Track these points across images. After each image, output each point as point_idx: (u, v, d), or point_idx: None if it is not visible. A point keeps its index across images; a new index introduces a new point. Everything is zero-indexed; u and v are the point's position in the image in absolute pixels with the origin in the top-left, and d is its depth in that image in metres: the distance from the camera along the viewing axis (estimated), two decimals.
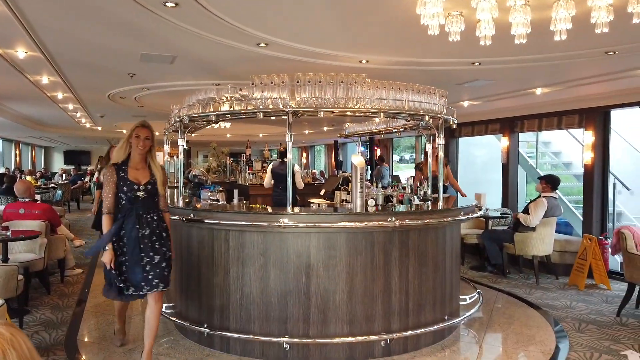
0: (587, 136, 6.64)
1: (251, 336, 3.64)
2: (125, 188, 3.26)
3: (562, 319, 4.66)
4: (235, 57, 5.09)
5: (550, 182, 6.19)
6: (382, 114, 4.14)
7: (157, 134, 3.55)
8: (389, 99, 4.10)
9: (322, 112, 3.95)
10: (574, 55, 4.34)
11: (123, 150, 3.35)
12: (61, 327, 4.33)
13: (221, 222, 3.79)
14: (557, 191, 6.36)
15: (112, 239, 3.21)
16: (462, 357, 3.86)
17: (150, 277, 3.24)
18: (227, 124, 11.96)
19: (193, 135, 6.77)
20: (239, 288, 3.74)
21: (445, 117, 4.51)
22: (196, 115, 4.28)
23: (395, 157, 17.97)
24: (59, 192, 12.44)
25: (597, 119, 6.48)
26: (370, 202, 4.30)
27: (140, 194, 3.28)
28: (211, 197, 4.80)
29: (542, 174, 6.85)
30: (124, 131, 13.41)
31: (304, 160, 18.41)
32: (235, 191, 4.77)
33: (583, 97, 6.36)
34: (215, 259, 3.84)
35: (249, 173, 8.23)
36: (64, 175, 17.40)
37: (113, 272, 3.20)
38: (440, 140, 4.73)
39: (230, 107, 4.06)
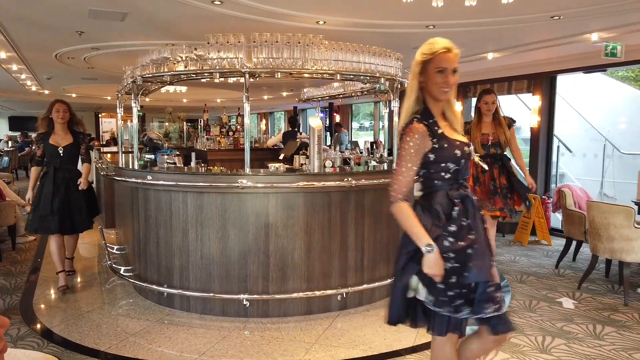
0: (535, 101, 6.94)
1: (211, 294, 3.72)
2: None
3: (506, 272, 4.99)
4: (189, 15, 4.96)
5: None
6: (339, 75, 4.18)
7: (108, 98, 3.46)
8: (346, 60, 4.14)
9: (279, 74, 3.95)
10: (522, 20, 4.50)
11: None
12: (15, 293, 4.27)
13: (179, 183, 3.79)
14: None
15: None
16: None
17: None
18: (183, 88, 11.67)
19: (147, 99, 6.59)
20: (198, 249, 3.79)
21: (401, 80, 4.60)
22: (150, 75, 4.18)
23: (356, 125, 18.06)
24: (5, 159, 11.88)
25: (544, 84, 6.77)
26: (328, 163, 4.38)
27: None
28: (168, 161, 4.75)
29: None
30: (74, 95, 12.83)
31: (262, 127, 18.26)
32: (193, 154, 4.73)
33: (531, 62, 6.60)
34: (174, 221, 3.85)
35: (207, 138, 8.11)
36: (9, 142, 16.55)
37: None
38: (396, 104, 4.83)
39: (186, 67, 3.98)
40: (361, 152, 5.70)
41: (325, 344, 3.28)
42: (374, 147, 6.11)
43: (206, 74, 4.00)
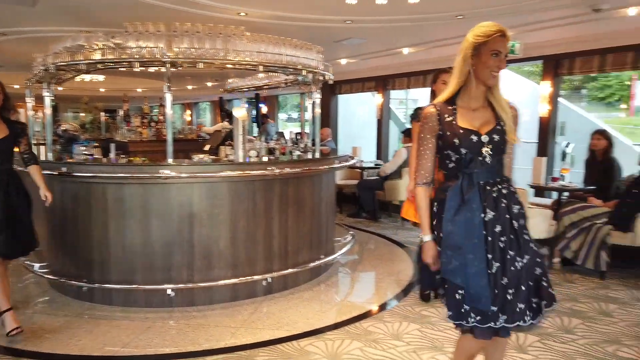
0: None
1: (134, 286, 3.69)
2: None
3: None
4: (105, 1, 4.79)
5: (409, 135, 6.88)
6: (261, 67, 4.27)
7: (17, 86, 3.31)
8: (268, 52, 4.23)
9: (201, 64, 3.96)
10: (430, 18, 4.85)
11: None
12: None
13: (98, 175, 3.70)
14: None
15: None
16: (334, 289, 4.32)
17: None
18: (101, 77, 11.11)
19: (60, 88, 6.24)
20: (119, 241, 3.73)
21: (322, 72, 4.77)
22: (64, 63, 4.01)
23: (284, 116, 18.14)
24: None
25: None
26: (252, 153, 4.46)
27: None
28: (85, 152, 4.60)
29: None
30: None
31: (187, 118, 17.79)
32: (112, 145, 4.61)
33: (442, 57, 7.03)
34: (93, 213, 3.76)
35: (127, 129, 7.84)
36: None
37: None
38: (317, 95, 5.00)
39: (103, 55, 3.88)
40: (286, 143, 5.83)
41: (251, 327, 3.39)
42: (299, 137, 6.26)
43: (125, 63, 3.92)
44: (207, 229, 3.79)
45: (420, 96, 10.60)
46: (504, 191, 1.97)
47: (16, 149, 3.35)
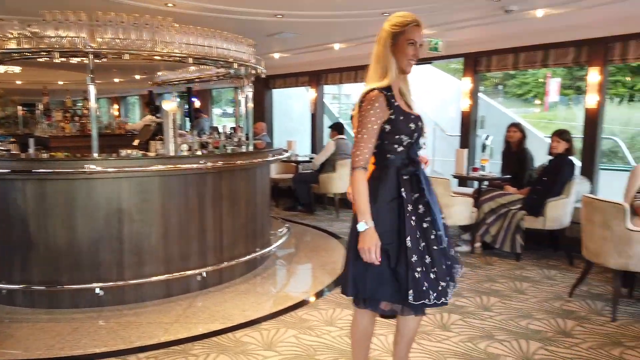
0: None
1: (59, 287, 3.53)
2: None
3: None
4: None
5: (337, 129, 7.08)
6: (191, 59, 4.21)
7: None
8: (198, 45, 4.18)
9: (127, 55, 3.85)
10: (357, 15, 4.99)
11: None
12: None
13: (15, 170, 3.50)
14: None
15: None
16: (270, 281, 4.37)
17: None
18: (17, 69, 10.35)
19: None
20: (41, 241, 3.55)
21: (253, 65, 4.78)
22: None
23: (219, 111, 17.79)
24: None
25: None
26: (184, 147, 4.39)
27: None
28: (1, 148, 4.33)
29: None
30: None
31: (115, 113, 17.00)
32: (31, 140, 4.36)
33: (372, 53, 7.28)
34: (12, 212, 3.55)
35: (48, 124, 7.40)
36: None
37: None
38: (249, 89, 5.00)
39: (19, 45, 3.66)
40: (220, 137, 5.78)
41: (185, 322, 3.37)
42: (233, 132, 6.22)
43: (44, 53, 3.73)
44: (138, 225, 3.70)
45: (352, 91, 10.84)
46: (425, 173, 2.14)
47: None
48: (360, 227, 1.92)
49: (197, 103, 13.14)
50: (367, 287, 2.01)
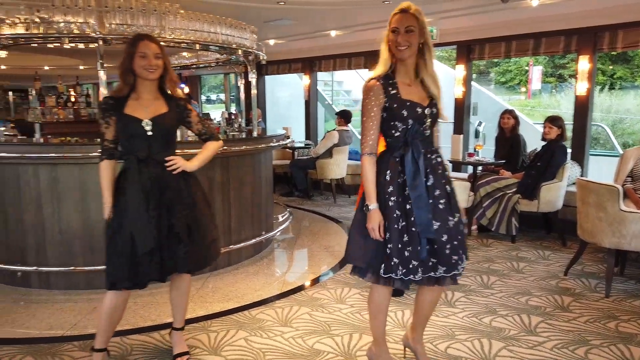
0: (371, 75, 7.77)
1: (74, 268, 3.60)
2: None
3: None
4: None
5: (344, 117, 7.17)
6: (197, 45, 4.26)
7: None
8: (203, 31, 4.23)
9: None
10: (359, 2, 5.09)
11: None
12: None
13: (27, 155, 3.53)
14: (349, 124, 7.39)
15: None
16: (276, 263, 4.51)
17: None
18: (2, 54, 10.16)
19: None
20: (56, 224, 3.61)
21: (256, 52, 4.84)
22: None
23: (202, 97, 17.64)
24: None
25: (377, 61, 7.61)
26: (190, 132, 4.46)
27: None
28: (6, 133, 4.33)
29: (337, 110, 7.83)
30: None
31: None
32: (37, 125, 4.37)
33: (367, 41, 7.33)
34: (25, 196, 3.59)
35: (41, 110, 7.32)
36: None
37: None
38: (253, 76, 5.06)
39: (27, 30, 3.67)
40: (219, 123, 5.84)
41: (200, 301, 3.48)
42: (232, 118, 6.29)
43: (52, 39, 3.74)
44: None
45: (344, 78, 10.92)
46: (439, 159, 2.25)
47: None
48: (367, 208, 2.14)
49: (185, 89, 13.09)
50: (366, 260, 2.21)
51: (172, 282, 2.62)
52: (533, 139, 5.91)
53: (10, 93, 8.37)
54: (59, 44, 3.84)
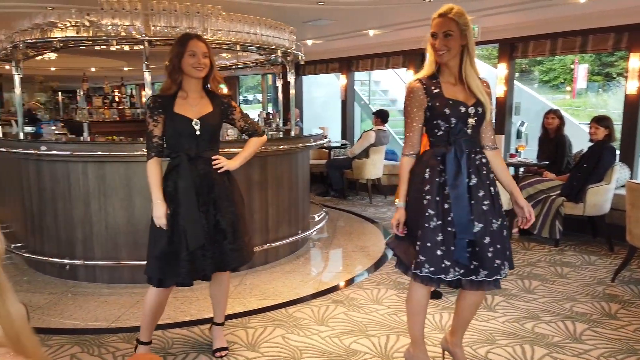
0: (410, 75, 7.69)
1: (119, 262, 3.73)
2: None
3: (389, 227, 5.65)
4: None
5: (381, 116, 7.13)
6: (238, 46, 4.33)
7: None
8: (244, 32, 4.29)
9: None
10: (398, 1, 5.04)
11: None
12: None
13: (76, 153, 3.69)
14: (386, 124, 7.33)
15: None
16: (313, 262, 4.53)
17: None
18: (53, 56, 10.65)
19: (8, 67, 5.97)
20: (102, 219, 3.75)
21: (295, 52, 4.88)
22: (34, 41, 3.93)
23: (240, 98, 17.90)
24: None
25: (416, 60, 7.52)
26: (230, 132, 4.54)
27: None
28: (57, 132, 4.53)
29: (375, 110, 7.79)
30: None
31: (144, 99, 17.29)
32: (85, 124, 4.56)
33: (406, 40, 7.28)
34: (74, 192, 3.75)
35: (88, 110, 7.63)
36: None
37: None
38: (292, 76, 5.10)
39: (77, 33, 3.83)
40: (258, 123, 5.91)
41: (238, 298, 3.53)
42: (270, 117, 6.36)
43: (100, 41, 3.89)
44: None
45: (381, 78, 10.84)
46: (483, 160, 2.20)
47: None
48: (398, 205, 2.23)
49: (224, 90, 13.33)
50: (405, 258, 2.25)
51: (213, 279, 2.67)
52: (578, 140, 5.70)
53: (60, 94, 8.74)
54: (106, 46, 3.98)
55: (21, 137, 4.18)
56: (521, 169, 5.38)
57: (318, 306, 3.40)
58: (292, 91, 5.12)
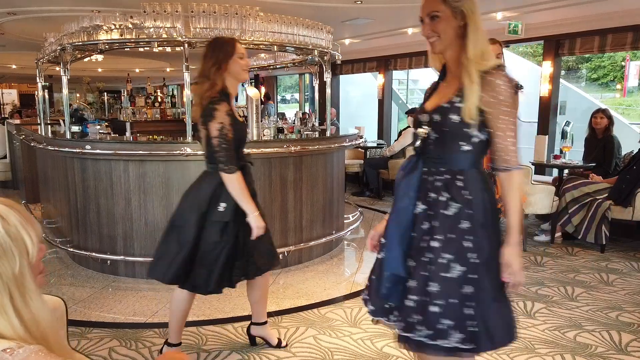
0: None
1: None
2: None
3: None
4: None
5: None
6: (275, 47, 4.35)
7: (13, 66, 3.32)
8: (282, 32, 4.31)
9: None
10: None
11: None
12: None
13: (119, 152, 3.81)
14: None
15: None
16: (347, 263, 4.51)
17: None
18: (100, 57, 11.08)
19: (57, 68, 6.24)
20: (142, 216, 3.86)
21: (332, 52, 4.87)
22: (80, 43, 4.08)
23: (277, 98, 18.08)
24: None
25: None
26: (266, 132, 4.58)
27: None
28: (101, 131, 4.70)
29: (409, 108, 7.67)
30: None
31: (185, 99, 17.72)
32: (128, 124, 4.71)
33: None
34: (115, 190, 3.87)
35: (131, 110, 7.88)
36: None
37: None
38: (328, 76, 5.09)
39: (121, 35, 3.95)
40: (293, 122, 5.94)
41: (272, 297, 3.54)
42: (306, 117, 6.37)
43: (143, 43, 4.00)
44: None
45: (420, 76, 10.68)
46: (458, 183, 1.61)
47: None
48: None
49: (263, 90, 13.49)
50: None
51: (254, 281, 2.69)
52: (628, 141, 5.43)
53: (106, 94, 9.08)
54: (148, 48, 4.09)
55: (68, 136, 4.36)
56: (565, 171, 5.16)
57: (351, 307, 3.37)
58: (328, 90, 5.10)
